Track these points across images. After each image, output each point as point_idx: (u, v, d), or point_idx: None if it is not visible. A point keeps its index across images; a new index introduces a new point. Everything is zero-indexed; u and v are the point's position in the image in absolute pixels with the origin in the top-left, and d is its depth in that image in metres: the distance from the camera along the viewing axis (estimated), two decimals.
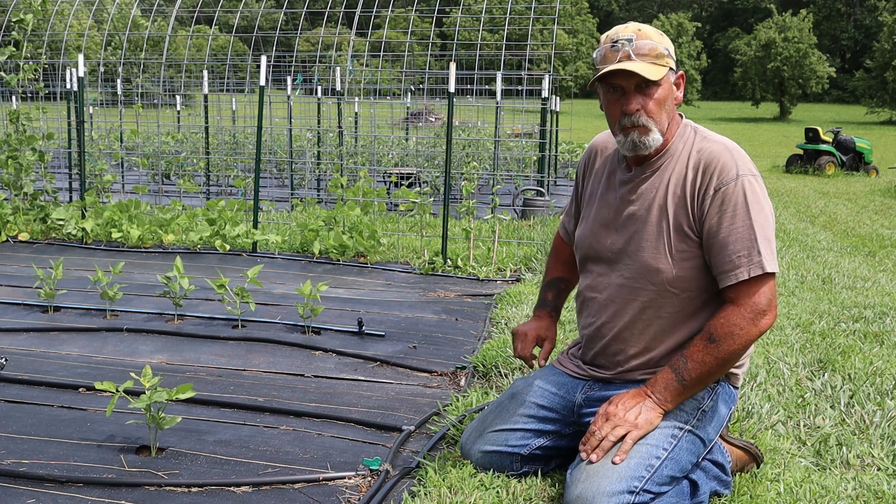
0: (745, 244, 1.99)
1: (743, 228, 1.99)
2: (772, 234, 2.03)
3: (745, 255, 1.98)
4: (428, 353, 3.64)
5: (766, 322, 2.00)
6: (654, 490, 1.98)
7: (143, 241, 6.19)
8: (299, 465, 2.41)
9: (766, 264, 1.98)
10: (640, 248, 2.12)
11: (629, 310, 2.16)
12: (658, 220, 2.10)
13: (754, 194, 2.01)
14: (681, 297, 2.11)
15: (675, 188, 2.09)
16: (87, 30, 12.42)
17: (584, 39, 65.52)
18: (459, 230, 6.37)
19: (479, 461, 2.32)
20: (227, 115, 14.18)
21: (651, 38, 2.05)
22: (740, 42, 61.84)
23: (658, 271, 2.09)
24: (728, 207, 2.00)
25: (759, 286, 1.99)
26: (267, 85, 6.46)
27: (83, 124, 6.70)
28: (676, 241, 2.08)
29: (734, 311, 2.00)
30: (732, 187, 2.00)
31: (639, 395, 2.08)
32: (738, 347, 1.99)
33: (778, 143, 28.37)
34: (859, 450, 2.57)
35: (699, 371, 2.02)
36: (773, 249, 2.02)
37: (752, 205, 2.00)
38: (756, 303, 1.98)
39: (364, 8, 9.06)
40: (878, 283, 5.35)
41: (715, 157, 2.05)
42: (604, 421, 2.06)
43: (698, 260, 2.08)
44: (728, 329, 1.99)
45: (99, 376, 3.14)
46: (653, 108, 2.06)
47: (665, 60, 2.05)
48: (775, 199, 10.92)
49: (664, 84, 2.07)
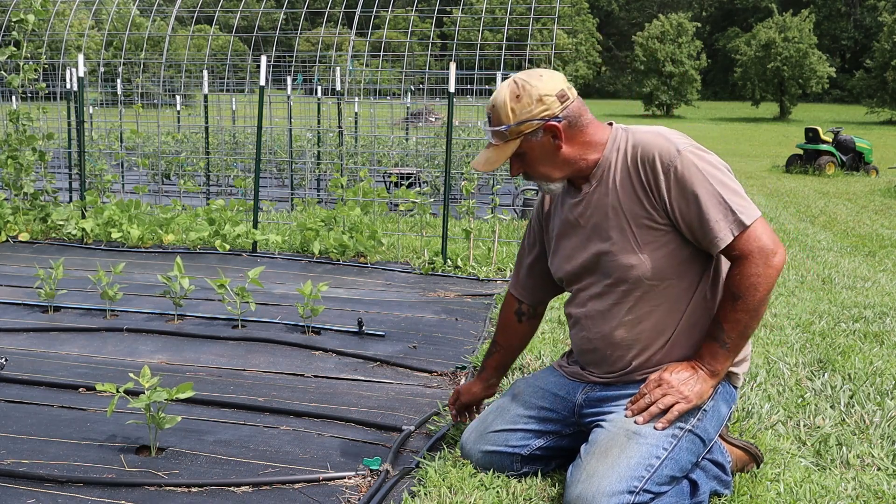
0: (719, 209, 1.99)
1: (708, 196, 1.99)
2: (736, 186, 2.03)
3: (722, 219, 1.99)
4: (428, 353, 3.65)
5: (778, 260, 2.00)
6: (654, 490, 1.98)
7: (143, 241, 6.19)
8: (299, 465, 2.41)
9: (744, 217, 1.99)
10: (609, 252, 2.14)
11: (615, 314, 2.16)
12: (617, 221, 2.12)
13: (702, 160, 2.02)
14: (661, 288, 2.11)
15: (623, 186, 2.11)
16: (88, 30, 12.42)
17: (584, 39, 65.54)
18: (459, 230, 6.37)
19: (479, 461, 2.33)
20: (227, 115, 14.17)
21: (499, 119, 2.11)
22: (740, 42, 61.86)
23: (631, 267, 2.10)
24: (687, 186, 2.01)
25: (752, 233, 1.99)
26: (267, 85, 6.46)
27: (83, 124, 6.70)
28: (640, 234, 2.09)
29: (744, 263, 2.00)
30: (680, 165, 2.01)
31: (692, 367, 2.10)
32: (763, 294, 2.00)
33: (778, 143, 28.36)
34: (859, 450, 2.57)
35: (736, 329, 2.03)
36: (744, 197, 2.02)
37: (705, 171, 2.01)
38: (760, 247, 1.98)
39: (364, 8, 9.05)
40: (878, 283, 5.35)
41: (649, 145, 2.07)
42: (655, 386, 2.08)
43: (669, 246, 2.08)
44: (747, 281, 1.99)
45: (99, 376, 3.15)
46: (529, 170, 2.17)
47: (516, 130, 2.09)
48: (775, 199, 10.93)
49: (530, 149, 2.12)
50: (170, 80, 17.13)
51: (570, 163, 2.15)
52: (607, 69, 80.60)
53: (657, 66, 58.34)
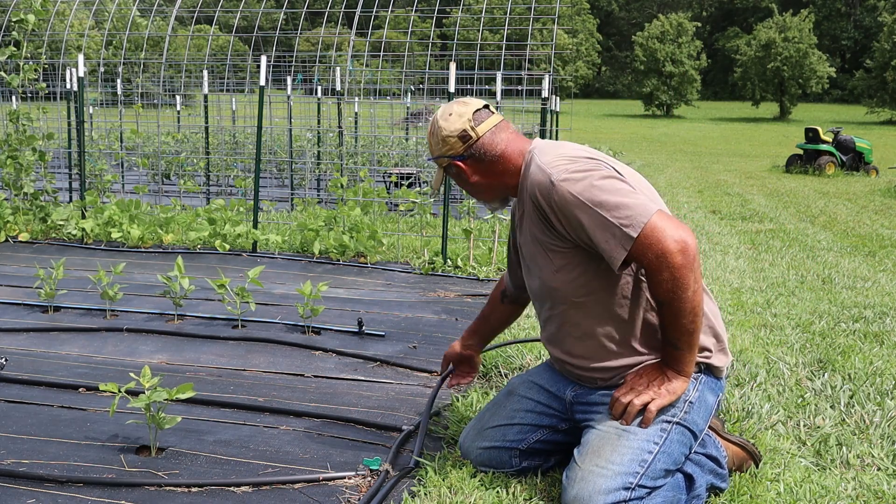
0: (603, 229, 1.97)
1: (590, 220, 1.98)
2: (615, 198, 1.97)
3: (611, 238, 1.96)
4: (428, 353, 3.65)
5: (682, 257, 1.92)
6: (650, 484, 1.99)
7: (143, 241, 6.19)
8: (299, 465, 2.41)
9: (630, 230, 1.93)
10: (539, 276, 2.22)
11: (565, 333, 2.23)
12: (536, 249, 2.20)
13: (574, 185, 2.00)
14: (591, 301, 2.13)
15: (531, 216, 2.18)
16: (88, 30, 12.42)
17: (584, 39, 65.53)
18: (459, 230, 6.37)
19: (478, 458, 2.34)
20: (227, 115, 14.17)
21: (430, 145, 2.29)
22: (740, 42, 61.85)
23: (556, 289, 2.17)
24: (570, 215, 2.02)
25: (644, 242, 1.93)
26: (267, 85, 6.46)
27: (83, 124, 6.70)
28: (554, 258, 2.14)
29: (650, 272, 1.97)
30: (557, 197, 2.02)
31: (658, 369, 2.12)
32: (684, 292, 1.95)
33: (778, 143, 28.36)
34: (859, 450, 2.57)
35: (679, 331, 2.02)
36: (627, 206, 1.95)
37: (580, 195, 1.99)
38: (657, 253, 1.92)
39: (364, 8, 9.05)
40: (878, 283, 5.35)
41: (533, 182, 2.11)
42: (628, 389, 2.11)
43: (582, 263, 2.10)
44: (662, 288, 1.96)
45: (99, 376, 3.15)
46: (466, 190, 2.34)
47: (439, 161, 2.27)
48: (775, 199, 10.93)
49: (453, 176, 2.29)
50: (170, 80, 17.13)
51: (489, 189, 2.28)
52: (607, 69, 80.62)
53: (657, 66, 58.34)
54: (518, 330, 3.91)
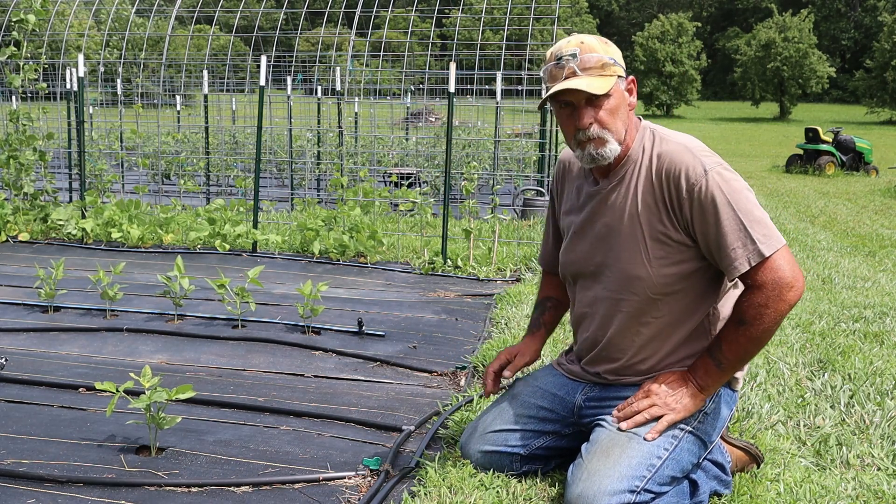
0: (738, 236, 1.96)
1: (729, 221, 1.97)
2: (760, 213, 2.00)
3: (740, 247, 1.96)
4: (428, 353, 3.65)
5: (792, 295, 1.96)
6: (655, 490, 1.98)
7: (143, 241, 6.19)
8: (299, 465, 2.41)
9: (764, 248, 1.95)
10: (618, 259, 2.12)
11: (616, 321, 2.16)
12: (631, 229, 2.09)
13: (727, 184, 1.99)
14: (666, 301, 2.09)
15: (645, 196, 2.07)
16: (87, 30, 12.42)
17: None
18: (459, 230, 6.37)
19: (478, 461, 2.32)
20: (227, 115, 14.17)
21: (595, 51, 2.03)
22: (740, 42, 61.82)
23: (638, 279, 2.09)
24: (709, 208, 1.98)
25: (771, 264, 1.95)
26: (267, 85, 6.46)
27: (83, 124, 6.71)
28: (654, 248, 2.07)
29: (756, 292, 1.97)
30: (705, 187, 1.98)
31: (682, 379, 2.09)
32: (769, 325, 1.97)
33: (778, 143, 28.35)
34: (859, 450, 2.57)
35: (735, 353, 2.02)
36: (767, 225, 1.98)
37: (729, 195, 1.97)
38: (776, 280, 1.95)
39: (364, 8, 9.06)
40: (878, 283, 5.35)
41: (676, 159, 2.03)
42: (644, 396, 2.09)
43: (680, 262, 2.07)
44: (755, 311, 1.97)
45: (99, 376, 3.15)
46: (605, 118, 2.05)
47: (612, 70, 2.04)
48: (775, 199, 10.93)
49: (615, 94, 2.05)
50: (170, 80, 17.13)
51: (624, 128, 2.09)
52: None
53: (657, 66, 58.32)
54: (518, 330, 3.91)
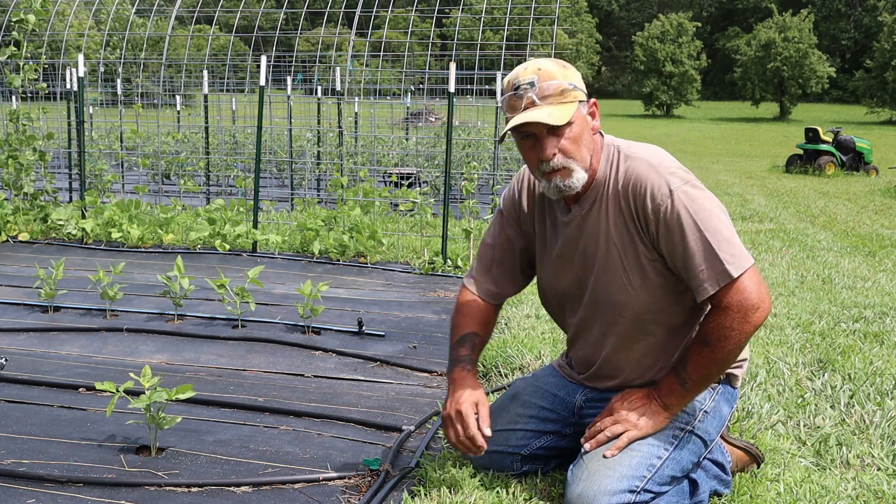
0: (705, 256, 1.92)
1: (696, 242, 1.92)
2: (728, 231, 1.95)
3: (708, 268, 1.92)
4: (428, 353, 3.65)
5: (758, 317, 1.92)
6: (655, 490, 1.98)
7: (143, 241, 6.19)
8: (299, 465, 2.41)
9: (732, 269, 1.90)
10: (600, 284, 2.09)
11: (609, 342, 2.15)
12: (608, 254, 2.06)
13: (694, 203, 1.93)
14: (656, 319, 2.08)
15: (615, 219, 2.03)
16: (87, 30, 12.42)
17: (584, 39, 65.50)
18: (459, 230, 6.37)
19: (479, 461, 2.32)
20: (227, 115, 14.17)
21: (554, 77, 1.97)
22: (740, 42, 61.81)
23: (624, 304, 2.07)
24: (675, 229, 1.93)
25: (738, 286, 1.91)
26: (267, 85, 6.46)
27: (83, 124, 6.71)
28: (633, 270, 2.04)
29: (722, 314, 1.94)
30: (670, 207, 1.93)
31: (646, 398, 2.08)
32: (734, 347, 1.95)
33: (778, 143, 28.34)
34: (859, 450, 2.57)
35: (699, 374, 2.00)
36: (735, 246, 1.93)
37: (695, 215, 1.92)
38: (741, 301, 1.91)
39: (364, 8, 9.06)
40: (878, 283, 5.35)
41: (642, 178, 1.98)
42: (608, 415, 2.10)
43: (660, 280, 2.03)
44: (720, 332, 1.94)
45: (99, 376, 3.15)
46: (569, 147, 1.99)
47: (572, 95, 1.97)
48: (775, 199, 10.92)
49: (577, 121, 1.99)
50: (170, 80, 17.13)
51: (589, 154, 2.04)
52: (607, 69, 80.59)
53: (657, 66, 58.31)
54: (518, 330, 3.91)
